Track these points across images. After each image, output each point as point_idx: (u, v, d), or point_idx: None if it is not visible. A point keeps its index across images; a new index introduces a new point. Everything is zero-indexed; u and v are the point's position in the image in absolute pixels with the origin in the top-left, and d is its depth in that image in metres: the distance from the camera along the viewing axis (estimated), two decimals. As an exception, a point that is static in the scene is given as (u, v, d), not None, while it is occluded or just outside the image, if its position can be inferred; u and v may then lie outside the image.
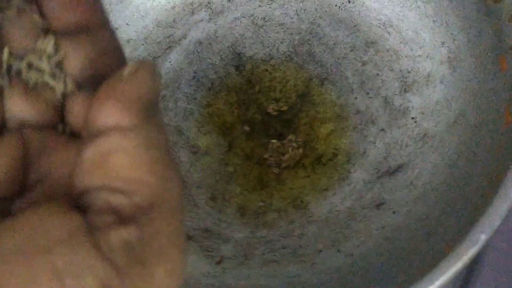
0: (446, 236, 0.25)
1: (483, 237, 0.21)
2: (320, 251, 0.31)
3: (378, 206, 0.31)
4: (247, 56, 0.38)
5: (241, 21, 0.39)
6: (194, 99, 0.37)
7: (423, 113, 0.32)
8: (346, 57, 0.36)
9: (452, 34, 0.32)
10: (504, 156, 0.24)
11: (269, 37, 0.38)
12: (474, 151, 0.28)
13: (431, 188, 0.29)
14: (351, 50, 0.36)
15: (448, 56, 0.32)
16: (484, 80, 0.29)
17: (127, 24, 0.38)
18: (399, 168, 0.32)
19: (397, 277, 0.26)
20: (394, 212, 0.30)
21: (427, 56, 0.33)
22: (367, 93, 0.35)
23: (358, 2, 0.36)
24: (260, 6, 0.39)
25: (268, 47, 0.38)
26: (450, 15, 0.32)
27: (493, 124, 0.27)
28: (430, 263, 0.22)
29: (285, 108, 0.36)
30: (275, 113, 0.36)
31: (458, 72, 0.31)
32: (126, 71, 0.14)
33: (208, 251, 0.32)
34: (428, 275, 0.21)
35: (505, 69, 0.27)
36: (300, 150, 0.34)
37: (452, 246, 0.22)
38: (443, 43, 0.32)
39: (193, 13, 0.39)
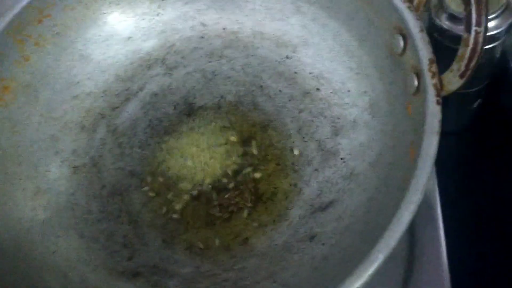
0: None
1: (380, 256, 0.24)
2: (258, 282, 0.33)
3: (310, 239, 0.34)
4: (198, 105, 0.42)
5: (193, 75, 0.43)
6: (148, 145, 0.40)
7: (350, 154, 0.36)
8: (285, 106, 0.40)
9: (372, 84, 0.36)
10: (407, 188, 0.27)
11: (218, 88, 0.42)
12: (389, 185, 0.31)
13: (355, 220, 0.32)
14: (290, 100, 0.40)
15: (370, 103, 0.36)
16: (396, 123, 0.33)
17: (88, 78, 0.42)
18: (330, 204, 0.35)
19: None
20: (323, 244, 0.33)
21: (353, 104, 0.37)
22: (303, 138, 0.38)
23: (295, 57, 0.41)
24: (209, 62, 0.43)
25: (217, 97, 0.42)
26: (369, 68, 0.36)
27: (402, 161, 0.30)
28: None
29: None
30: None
31: (377, 116, 0.35)
32: None
33: (154, 286, 0.34)
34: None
35: (411, 113, 0.31)
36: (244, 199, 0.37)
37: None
38: (365, 92, 0.36)
39: (149, 68, 0.43)
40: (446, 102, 0.54)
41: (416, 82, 0.29)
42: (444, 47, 0.45)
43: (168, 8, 0.43)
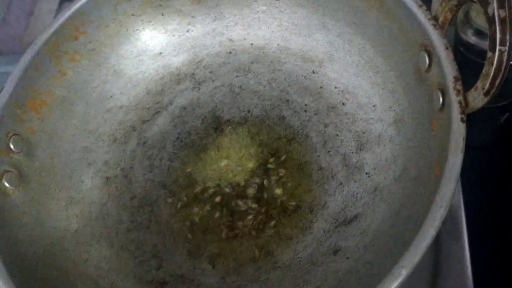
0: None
1: (404, 272, 0.24)
2: (283, 294, 0.34)
3: (335, 252, 0.34)
4: (225, 119, 0.43)
5: (220, 89, 0.44)
6: (177, 157, 0.42)
7: (375, 169, 0.36)
8: (310, 120, 0.41)
9: (397, 99, 0.36)
10: (431, 204, 0.27)
11: (245, 102, 0.43)
12: (413, 201, 0.31)
13: (379, 235, 0.32)
14: (315, 114, 0.41)
15: (395, 119, 0.36)
16: (421, 138, 0.33)
17: (121, 92, 0.44)
18: (354, 218, 0.35)
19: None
20: (347, 258, 0.33)
21: (378, 119, 0.37)
22: (328, 152, 0.39)
23: (321, 72, 0.42)
24: (237, 76, 0.44)
25: (244, 111, 0.43)
26: (395, 83, 0.36)
27: (427, 177, 0.30)
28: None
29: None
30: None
31: (402, 132, 0.35)
32: None
33: (182, 295, 0.35)
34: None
35: (435, 129, 0.31)
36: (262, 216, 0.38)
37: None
38: (390, 107, 0.37)
39: (179, 82, 0.45)
40: (474, 116, 0.54)
41: (441, 99, 0.29)
42: (470, 62, 0.45)
43: (197, 25, 0.44)
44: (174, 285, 0.36)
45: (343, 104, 0.40)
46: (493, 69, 0.26)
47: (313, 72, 0.42)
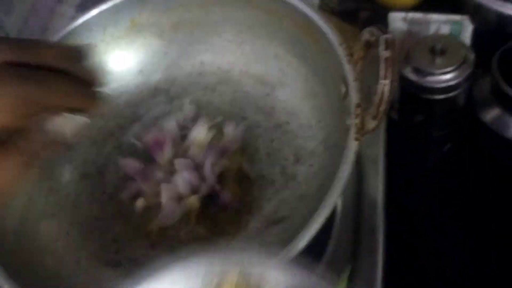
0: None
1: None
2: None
3: (261, 246, 0.40)
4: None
5: (189, 104, 0.51)
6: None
7: (305, 179, 0.42)
8: (260, 135, 0.47)
9: (327, 122, 0.43)
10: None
11: (208, 116, 0.50)
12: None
13: (295, 234, 0.38)
14: (265, 130, 0.47)
15: (324, 138, 0.42)
16: (340, 155, 0.39)
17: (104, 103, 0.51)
18: (282, 219, 0.41)
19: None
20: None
21: (313, 137, 0.44)
22: (271, 162, 0.45)
23: (273, 95, 0.48)
24: (204, 95, 0.51)
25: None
26: (326, 108, 0.43)
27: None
28: None
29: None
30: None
31: (327, 149, 0.41)
32: None
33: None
34: None
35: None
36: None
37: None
38: (322, 128, 0.43)
39: (154, 97, 0.52)
40: (422, 143, 0.59)
41: (347, 122, 0.36)
42: (411, 97, 0.51)
43: (174, 48, 0.52)
44: (127, 267, 0.42)
45: (287, 123, 0.46)
46: (377, 99, 0.32)
47: (267, 95, 0.48)
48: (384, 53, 0.32)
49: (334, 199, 0.31)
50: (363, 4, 0.66)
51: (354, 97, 0.35)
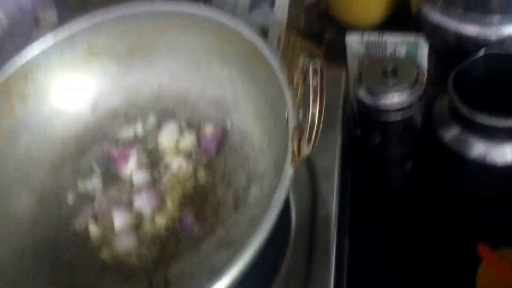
0: None
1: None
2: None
3: (210, 270, 0.40)
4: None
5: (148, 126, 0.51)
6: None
7: (255, 202, 0.43)
8: (216, 158, 0.48)
9: (276, 144, 0.43)
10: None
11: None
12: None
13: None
14: (219, 153, 0.48)
15: (274, 161, 0.43)
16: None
17: (62, 126, 0.51)
18: (232, 243, 0.42)
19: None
20: (218, 278, 0.39)
21: (264, 160, 0.44)
22: (225, 185, 0.46)
23: (229, 117, 0.49)
24: (163, 116, 0.51)
25: (164, 148, 0.50)
26: (275, 132, 0.43)
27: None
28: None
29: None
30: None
31: (276, 172, 0.42)
32: None
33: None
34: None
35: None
36: None
37: None
38: (272, 151, 0.43)
39: (114, 120, 0.52)
40: (382, 162, 0.59)
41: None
42: (367, 118, 0.52)
43: (133, 72, 0.52)
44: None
45: (241, 147, 0.47)
46: (309, 125, 0.33)
47: (223, 118, 0.49)
48: (312, 82, 0.32)
49: (265, 230, 0.32)
50: (328, 24, 0.68)
51: (291, 122, 0.36)
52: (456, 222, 0.53)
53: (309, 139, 0.33)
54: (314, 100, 0.32)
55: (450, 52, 0.56)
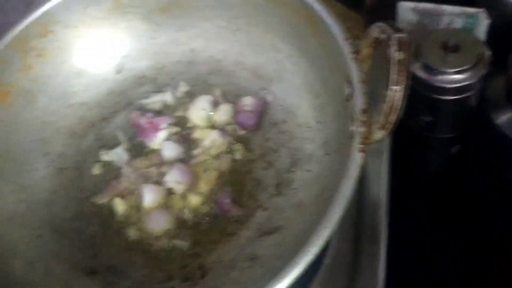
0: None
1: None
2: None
3: (252, 259, 0.37)
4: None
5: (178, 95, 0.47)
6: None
7: (302, 185, 0.39)
8: (254, 133, 0.43)
9: (327, 123, 0.39)
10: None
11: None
12: (320, 220, 0.34)
13: (290, 248, 0.35)
14: (259, 128, 0.43)
15: (324, 141, 0.38)
16: (340, 163, 0.35)
17: (83, 90, 0.47)
18: (276, 229, 0.38)
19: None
20: (261, 266, 0.36)
21: (312, 140, 0.40)
22: (265, 165, 0.41)
23: (269, 89, 0.44)
24: (194, 85, 0.47)
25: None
26: (327, 108, 0.39)
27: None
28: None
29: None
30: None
31: (328, 154, 0.38)
32: None
33: (109, 284, 0.38)
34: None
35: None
36: None
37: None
38: (321, 130, 0.39)
39: (140, 85, 0.47)
40: (428, 145, 0.55)
41: (350, 128, 0.32)
42: (419, 96, 0.47)
43: (162, 33, 0.47)
44: (104, 275, 0.38)
45: (284, 122, 0.42)
46: (387, 107, 0.28)
47: (262, 89, 0.44)
48: (396, 55, 0.27)
49: (335, 219, 0.28)
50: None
51: (359, 101, 0.31)
52: (504, 208, 0.49)
53: (385, 123, 0.29)
54: (398, 77, 0.27)
55: (508, 28, 0.51)
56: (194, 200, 0.40)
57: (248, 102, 0.43)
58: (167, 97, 0.46)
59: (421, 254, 0.47)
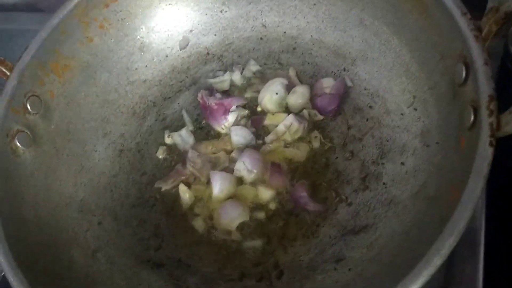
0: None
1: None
2: (277, 294, 0.33)
3: (337, 261, 0.33)
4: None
5: (246, 75, 0.42)
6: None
7: (393, 180, 0.34)
8: (334, 119, 0.39)
9: (427, 110, 0.34)
10: (443, 229, 0.25)
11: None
12: (426, 221, 0.29)
13: (385, 252, 0.31)
14: (340, 113, 0.39)
15: (422, 130, 0.34)
16: (445, 156, 0.31)
17: (146, 66, 0.43)
18: (363, 228, 0.33)
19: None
20: (349, 269, 0.32)
21: (405, 128, 0.35)
22: (347, 155, 0.37)
23: (352, 71, 0.39)
24: (265, 64, 0.42)
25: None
26: (427, 93, 0.34)
27: (443, 198, 0.28)
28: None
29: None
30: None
31: (427, 146, 0.33)
32: None
33: (176, 279, 0.35)
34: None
35: (463, 148, 0.29)
36: None
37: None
38: (419, 118, 0.34)
39: (205, 63, 0.44)
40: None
41: (472, 117, 0.27)
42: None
43: (231, 6, 0.43)
44: (170, 269, 0.35)
45: (370, 107, 0.38)
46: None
47: (344, 70, 0.40)
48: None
49: (462, 225, 0.23)
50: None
51: (485, 86, 0.26)
52: None
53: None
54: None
55: None
56: (267, 192, 0.37)
57: (327, 84, 0.39)
58: (235, 76, 0.42)
59: None
